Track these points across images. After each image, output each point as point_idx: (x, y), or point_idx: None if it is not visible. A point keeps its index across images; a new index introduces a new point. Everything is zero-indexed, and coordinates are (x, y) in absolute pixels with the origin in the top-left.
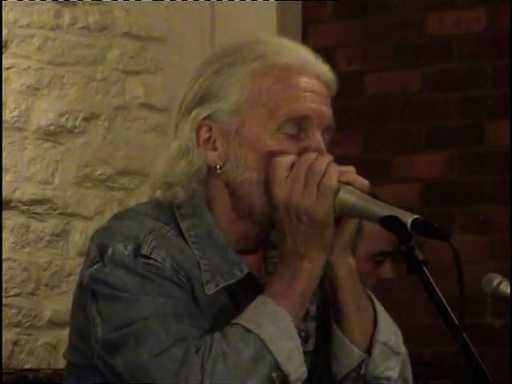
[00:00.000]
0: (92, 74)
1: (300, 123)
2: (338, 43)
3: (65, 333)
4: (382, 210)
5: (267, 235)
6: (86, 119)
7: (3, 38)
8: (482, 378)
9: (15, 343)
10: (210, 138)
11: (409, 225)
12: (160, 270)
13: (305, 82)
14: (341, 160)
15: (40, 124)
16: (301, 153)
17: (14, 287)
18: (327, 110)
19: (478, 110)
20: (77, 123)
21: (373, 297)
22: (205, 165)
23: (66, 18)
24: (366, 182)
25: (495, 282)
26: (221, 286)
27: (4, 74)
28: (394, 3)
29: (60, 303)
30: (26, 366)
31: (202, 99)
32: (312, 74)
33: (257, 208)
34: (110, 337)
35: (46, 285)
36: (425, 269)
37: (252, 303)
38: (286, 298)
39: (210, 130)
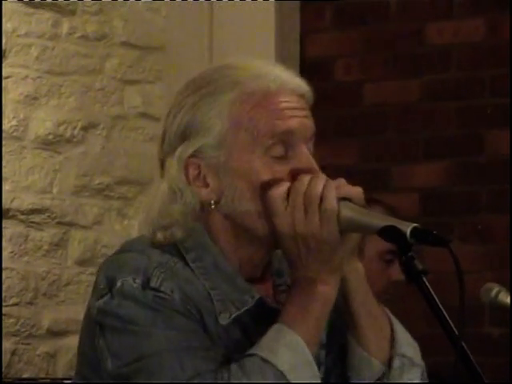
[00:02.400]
0: (90, 83)
1: (285, 141)
2: (337, 53)
3: (63, 342)
4: (381, 221)
5: (270, 259)
6: (85, 128)
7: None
8: None
9: (13, 352)
10: (199, 174)
11: (408, 234)
12: (169, 302)
13: (283, 101)
14: (339, 169)
15: (38, 133)
16: (292, 175)
17: (13, 296)
18: (308, 121)
19: (476, 119)
20: (75, 132)
21: (383, 307)
22: (198, 202)
23: (65, 27)
24: (359, 190)
25: (494, 292)
26: (234, 315)
27: (2, 84)
28: (393, 13)
29: (58, 312)
30: (25, 376)
31: (184, 136)
32: (289, 92)
33: (260, 235)
34: (121, 371)
35: (45, 294)
36: (424, 279)
37: (268, 332)
38: (303, 324)
39: (199, 166)
